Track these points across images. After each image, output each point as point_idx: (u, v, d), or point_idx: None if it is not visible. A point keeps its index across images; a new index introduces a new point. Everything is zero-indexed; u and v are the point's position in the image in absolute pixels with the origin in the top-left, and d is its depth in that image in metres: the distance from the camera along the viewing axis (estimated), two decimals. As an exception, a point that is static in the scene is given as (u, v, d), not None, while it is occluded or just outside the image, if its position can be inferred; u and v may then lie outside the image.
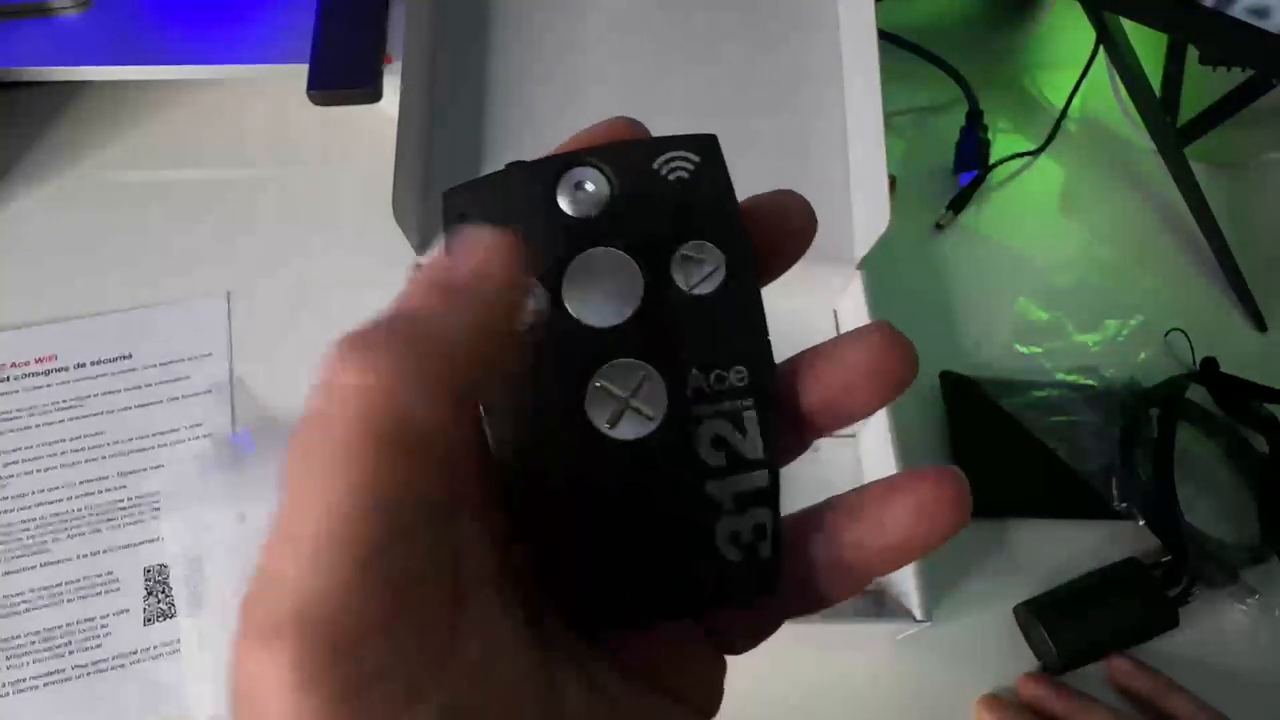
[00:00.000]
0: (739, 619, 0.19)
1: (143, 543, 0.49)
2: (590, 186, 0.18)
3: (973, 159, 0.64)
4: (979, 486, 0.17)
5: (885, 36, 0.59)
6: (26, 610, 0.47)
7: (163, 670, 0.46)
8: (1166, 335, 0.59)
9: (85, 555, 0.48)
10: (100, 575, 0.48)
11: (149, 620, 0.47)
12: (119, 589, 0.48)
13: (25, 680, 0.46)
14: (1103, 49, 0.64)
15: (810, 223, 0.19)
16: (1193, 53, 0.62)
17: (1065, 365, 0.58)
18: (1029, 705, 0.47)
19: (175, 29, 0.59)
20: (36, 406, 0.52)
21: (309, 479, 0.14)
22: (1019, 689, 0.48)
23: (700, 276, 0.18)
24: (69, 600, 0.47)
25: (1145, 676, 0.47)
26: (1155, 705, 0.47)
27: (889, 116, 0.51)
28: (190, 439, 0.51)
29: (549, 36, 0.56)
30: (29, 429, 0.51)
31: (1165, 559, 0.51)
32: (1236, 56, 0.59)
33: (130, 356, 0.54)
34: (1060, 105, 0.67)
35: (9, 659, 0.46)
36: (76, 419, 0.52)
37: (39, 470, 0.50)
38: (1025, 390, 0.56)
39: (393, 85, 0.52)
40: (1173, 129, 0.63)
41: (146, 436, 0.51)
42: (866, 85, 0.53)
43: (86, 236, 0.58)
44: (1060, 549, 0.51)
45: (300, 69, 0.53)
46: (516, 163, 0.18)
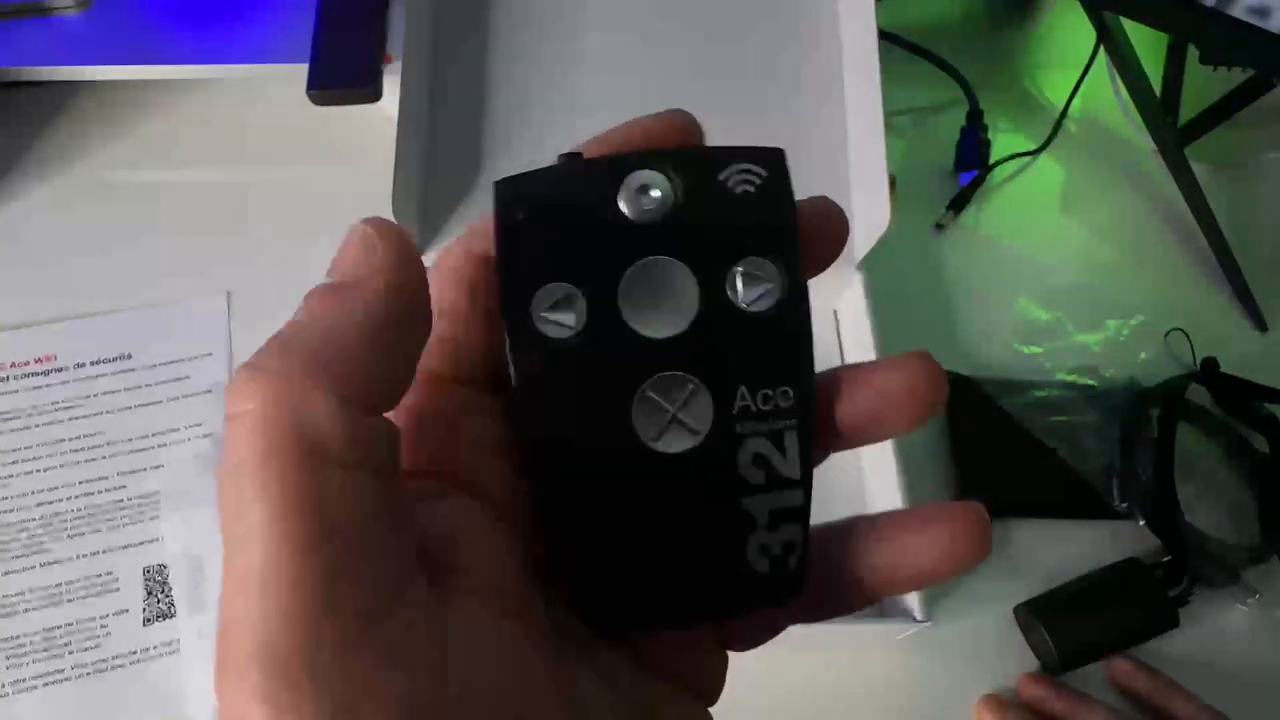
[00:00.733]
0: (746, 621, 0.19)
1: (142, 543, 0.49)
2: (655, 192, 0.18)
3: (973, 159, 0.64)
4: (979, 486, 0.17)
5: (885, 36, 0.59)
6: (26, 610, 0.47)
7: (162, 670, 0.46)
8: (1167, 335, 0.59)
9: (85, 555, 0.48)
10: (100, 575, 0.48)
11: (148, 620, 0.47)
12: (118, 589, 0.48)
13: (25, 680, 0.46)
14: (1103, 49, 0.64)
15: (845, 230, 0.19)
16: (1193, 53, 0.62)
17: (1066, 365, 0.58)
18: (1029, 705, 0.47)
19: (175, 29, 0.59)
20: (36, 406, 0.52)
21: (235, 513, 0.13)
22: (1019, 689, 0.48)
23: (758, 294, 0.18)
24: (69, 600, 0.47)
25: (1145, 677, 0.47)
26: (1155, 705, 0.47)
27: (889, 116, 0.52)
28: (190, 439, 0.51)
29: (548, 36, 0.56)
30: (29, 429, 0.51)
31: (1165, 559, 0.51)
32: (1236, 56, 0.59)
33: (130, 356, 0.54)
34: (1060, 105, 0.67)
35: (9, 659, 0.46)
36: (76, 419, 0.52)
37: (39, 470, 0.50)
38: (1025, 390, 0.56)
39: (393, 85, 0.52)
40: (1173, 129, 0.63)
41: (146, 436, 0.51)
42: (866, 85, 0.53)
43: (86, 236, 0.58)
44: (1060, 549, 0.51)
45: (300, 69, 0.53)
46: (571, 155, 0.18)
